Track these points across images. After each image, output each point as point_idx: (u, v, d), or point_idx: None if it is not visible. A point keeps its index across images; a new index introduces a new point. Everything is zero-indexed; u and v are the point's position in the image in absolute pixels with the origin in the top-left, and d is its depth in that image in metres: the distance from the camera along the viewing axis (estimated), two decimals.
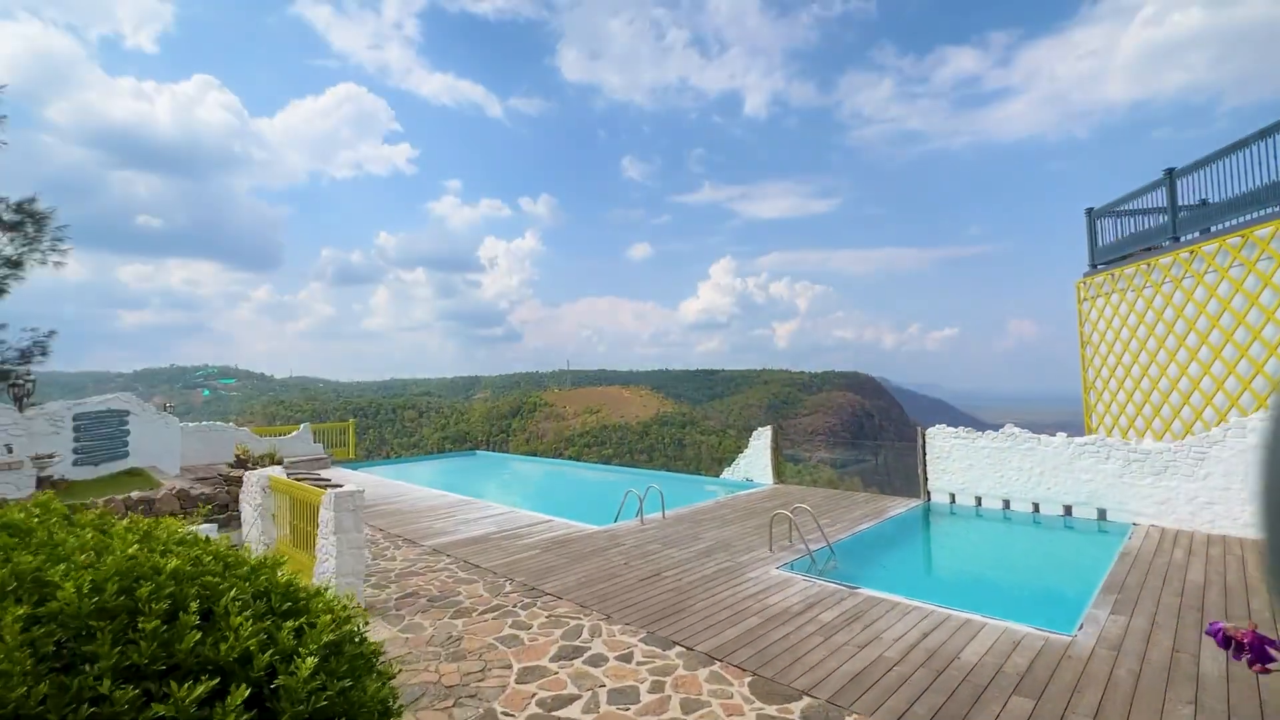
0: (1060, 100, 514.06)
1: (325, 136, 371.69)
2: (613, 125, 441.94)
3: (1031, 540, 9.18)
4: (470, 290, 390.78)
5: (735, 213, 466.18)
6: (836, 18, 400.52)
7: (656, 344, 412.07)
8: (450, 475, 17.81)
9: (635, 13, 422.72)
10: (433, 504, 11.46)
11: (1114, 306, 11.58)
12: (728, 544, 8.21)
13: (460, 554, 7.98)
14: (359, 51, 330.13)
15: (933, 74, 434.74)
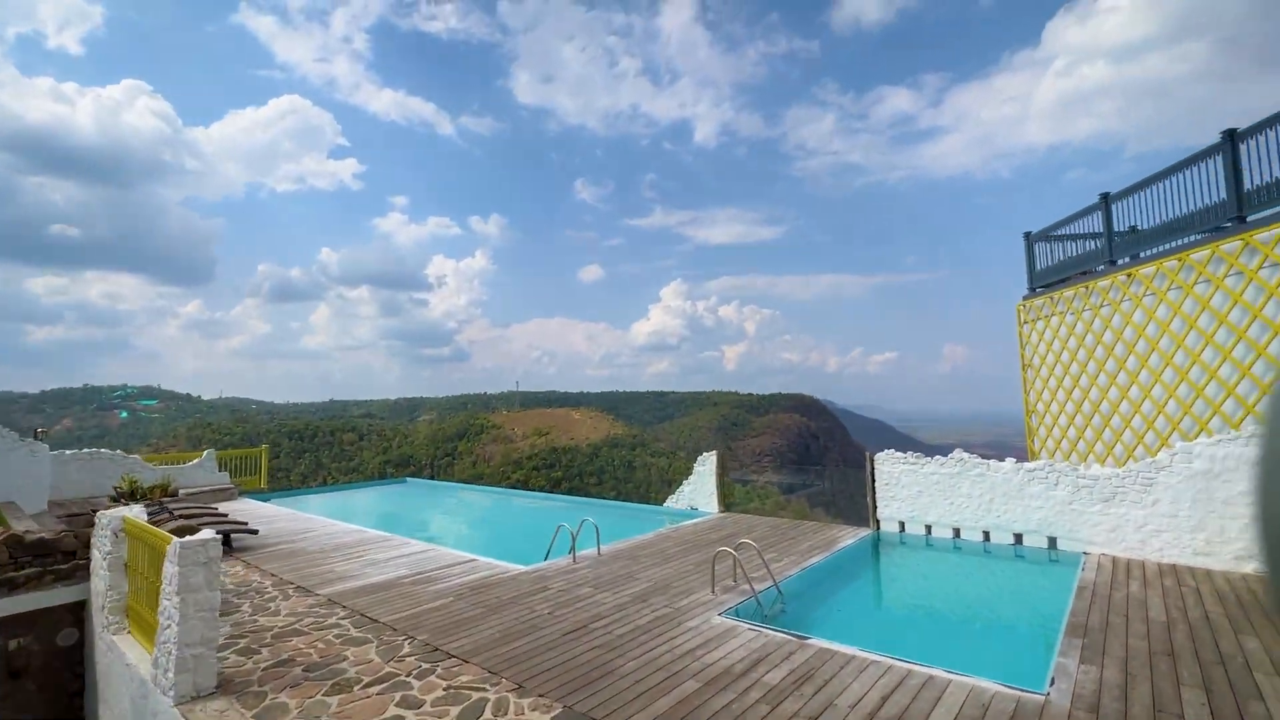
0: (986, 141, 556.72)
1: (266, 148, 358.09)
2: (565, 148, 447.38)
3: (986, 573, 8.78)
4: (416, 309, 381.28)
5: (686, 237, 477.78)
6: (781, 55, 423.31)
7: (607, 365, 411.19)
8: (373, 507, 16.38)
9: (588, 40, 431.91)
10: (342, 542, 10.21)
11: (1054, 329, 11.58)
12: (666, 585, 7.42)
13: (359, 604, 6.89)
14: (305, 64, 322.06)
15: (871, 111, 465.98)
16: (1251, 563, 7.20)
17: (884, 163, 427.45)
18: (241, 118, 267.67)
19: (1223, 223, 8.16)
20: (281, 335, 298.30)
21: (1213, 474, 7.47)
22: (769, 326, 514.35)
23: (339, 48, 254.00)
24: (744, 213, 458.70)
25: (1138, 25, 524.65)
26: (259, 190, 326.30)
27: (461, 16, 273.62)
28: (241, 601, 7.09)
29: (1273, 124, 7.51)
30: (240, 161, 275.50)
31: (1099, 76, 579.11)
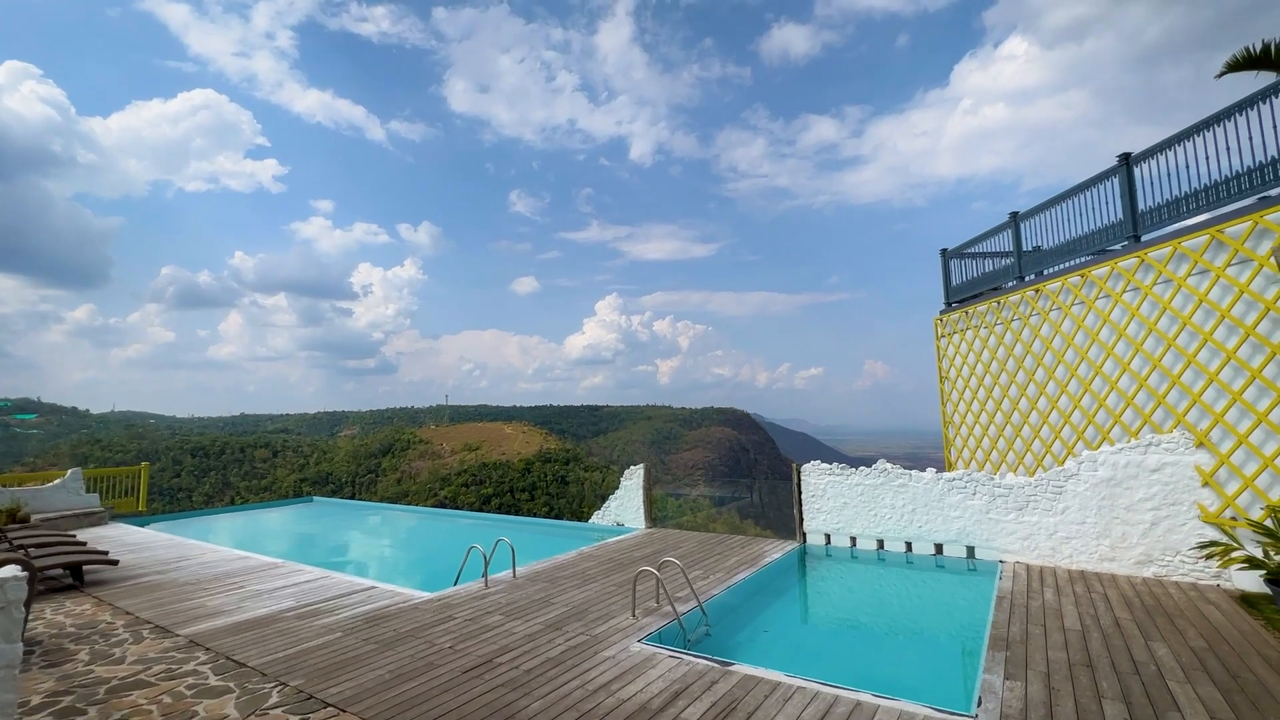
0: (902, 171, 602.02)
1: (174, 145, 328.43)
2: (501, 159, 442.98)
3: (909, 585, 8.75)
4: (340, 319, 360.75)
5: (622, 252, 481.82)
6: (716, 79, 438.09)
7: (541, 379, 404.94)
8: (271, 530, 14.92)
9: (526, 52, 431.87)
10: (224, 571, 9.05)
11: (969, 343, 11.96)
12: (584, 610, 6.88)
13: (226, 645, 5.96)
14: (221, 58, 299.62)
15: (799, 138, 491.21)
16: (1152, 567, 7.46)
17: (810, 187, 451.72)
18: (146, 110, 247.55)
19: (1120, 241, 8.59)
20: (186, 344, 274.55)
21: (1115, 481, 7.73)
22: (702, 342, 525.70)
23: (260, 43, 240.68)
24: (679, 230, 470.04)
25: (1030, 74, 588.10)
26: (165, 189, 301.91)
27: (394, 20, 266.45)
28: (79, 648, 6.00)
29: (1164, 149, 7.97)
30: (144, 157, 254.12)
31: (999, 117, 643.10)
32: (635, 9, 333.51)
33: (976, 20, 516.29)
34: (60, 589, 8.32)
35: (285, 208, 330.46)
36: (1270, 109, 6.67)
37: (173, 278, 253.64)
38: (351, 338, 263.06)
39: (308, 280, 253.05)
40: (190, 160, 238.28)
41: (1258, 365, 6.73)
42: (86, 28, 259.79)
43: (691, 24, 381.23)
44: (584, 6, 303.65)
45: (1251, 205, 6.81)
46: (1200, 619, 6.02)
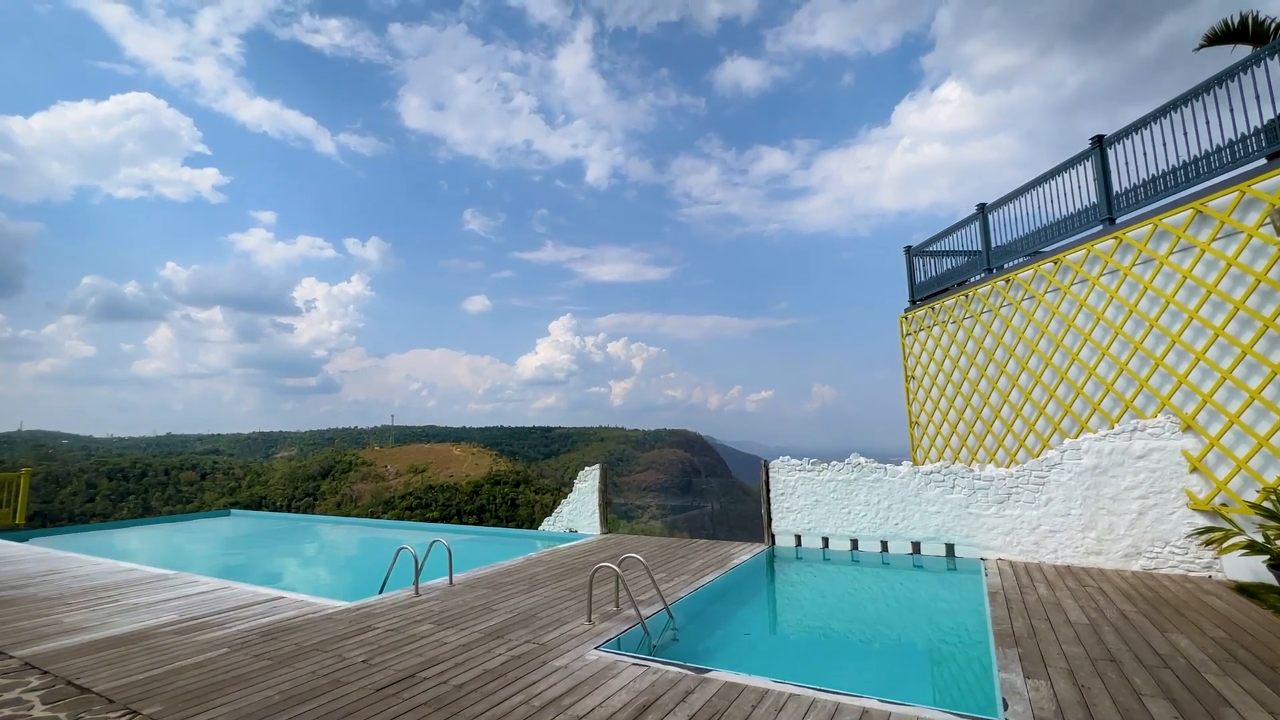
0: (848, 203, 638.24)
1: (104, 149, 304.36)
2: (455, 177, 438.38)
3: (891, 586, 8.09)
4: (279, 335, 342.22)
5: (576, 273, 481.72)
6: (671, 107, 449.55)
7: (492, 399, 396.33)
8: (176, 543, 13.18)
9: (483, 72, 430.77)
10: (99, 584, 7.61)
11: (935, 339, 11.64)
12: (531, 616, 5.90)
13: (73, 667, 4.70)
14: (161, 62, 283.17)
15: (751, 167, 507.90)
16: (1140, 560, 7.04)
17: (761, 215, 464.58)
18: (74, 111, 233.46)
19: (1094, 225, 8.36)
20: (108, 359, 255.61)
21: (1100, 470, 7.33)
22: (655, 364, 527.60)
23: (205, 50, 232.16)
24: (633, 253, 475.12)
25: (963, 117, 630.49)
26: (91, 194, 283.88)
27: (348, 34, 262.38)
28: None
29: (1138, 129, 7.80)
30: (69, 160, 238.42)
31: (936, 155, 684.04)
32: (593, 36, 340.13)
33: (915, 64, 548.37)
34: None
35: (224, 218, 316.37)
36: (1252, 80, 6.50)
37: (95, 288, 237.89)
38: (292, 355, 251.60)
39: (246, 294, 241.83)
40: (121, 166, 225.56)
41: (1248, 340, 6.44)
42: (12, 22, 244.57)
43: (648, 54, 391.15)
44: (543, 31, 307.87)
45: (1240, 176, 6.59)
46: (1208, 610, 5.54)
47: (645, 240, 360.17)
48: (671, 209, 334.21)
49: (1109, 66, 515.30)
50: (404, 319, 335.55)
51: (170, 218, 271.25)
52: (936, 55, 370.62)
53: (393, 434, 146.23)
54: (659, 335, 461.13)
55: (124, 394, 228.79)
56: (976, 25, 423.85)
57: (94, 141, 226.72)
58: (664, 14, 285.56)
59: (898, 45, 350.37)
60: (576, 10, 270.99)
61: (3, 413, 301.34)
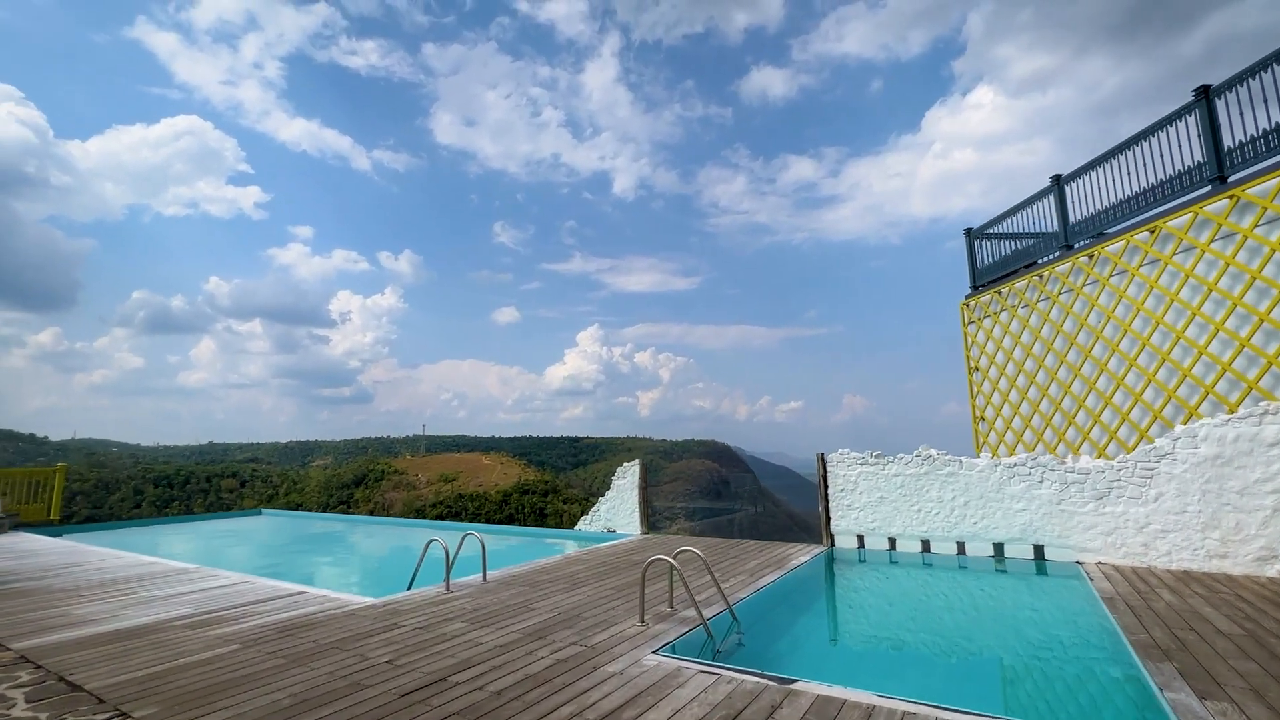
0: (877, 210, 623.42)
1: (154, 169, 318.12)
2: (486, 190, 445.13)
3: (978, 592, 7.17)
4: (316, 346, 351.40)
5: (604, 284, 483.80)
6: (698, 118, 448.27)
7: (521, 409, 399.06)
8: (205, 540, 12.91)
9: (513, 88, 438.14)
10: (117, 577, 7.21)
11: (1004, 325, 10.70)
12: (575, 616, 5.23)
13: (69, 662, 4.20)
14: (208, 86, 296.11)
15: (778, 176, 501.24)
16: (1277, 564, 6.04)
17: (789, 224, 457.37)
18: (128, 134, 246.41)
19: (1201, 186, 7.42)
20: (155, 370, 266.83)
21: (1223, 460, 6.36)
22: (683, 374, 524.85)
23: (249, 73, 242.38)
24: (660, 263, 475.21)
25: (996, 122, 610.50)
26: (142, 213, 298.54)
27: (383, 54, 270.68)
28: None
29: (1252, 74, 6.88)
30: (122, 181, 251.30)
31: (968, 161, 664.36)
32: (620, 50, 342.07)
33: (946, 69, 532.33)
34: None
35: (265, 234, 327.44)
36: None
37: (144, 302, 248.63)
38: (327, 366, 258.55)
39: (284, 307, 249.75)
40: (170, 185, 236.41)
41: None
42: (72, 52, 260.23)
43: (674, 66, 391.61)
44: (570, 47, 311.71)
45: None
46: None
47: (672, 250, 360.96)
48: (698, 219, 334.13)
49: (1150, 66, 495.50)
50: (435, 330, 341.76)
51: (214, 234, 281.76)
52: (968, 59, 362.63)
53: (424, 443, 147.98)
54: (686, 345, 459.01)
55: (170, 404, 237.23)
56: (1009, 28, 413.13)
57: (145, 163, 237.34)
58: (689, 26, 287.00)
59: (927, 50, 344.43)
60: (603, 25, 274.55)
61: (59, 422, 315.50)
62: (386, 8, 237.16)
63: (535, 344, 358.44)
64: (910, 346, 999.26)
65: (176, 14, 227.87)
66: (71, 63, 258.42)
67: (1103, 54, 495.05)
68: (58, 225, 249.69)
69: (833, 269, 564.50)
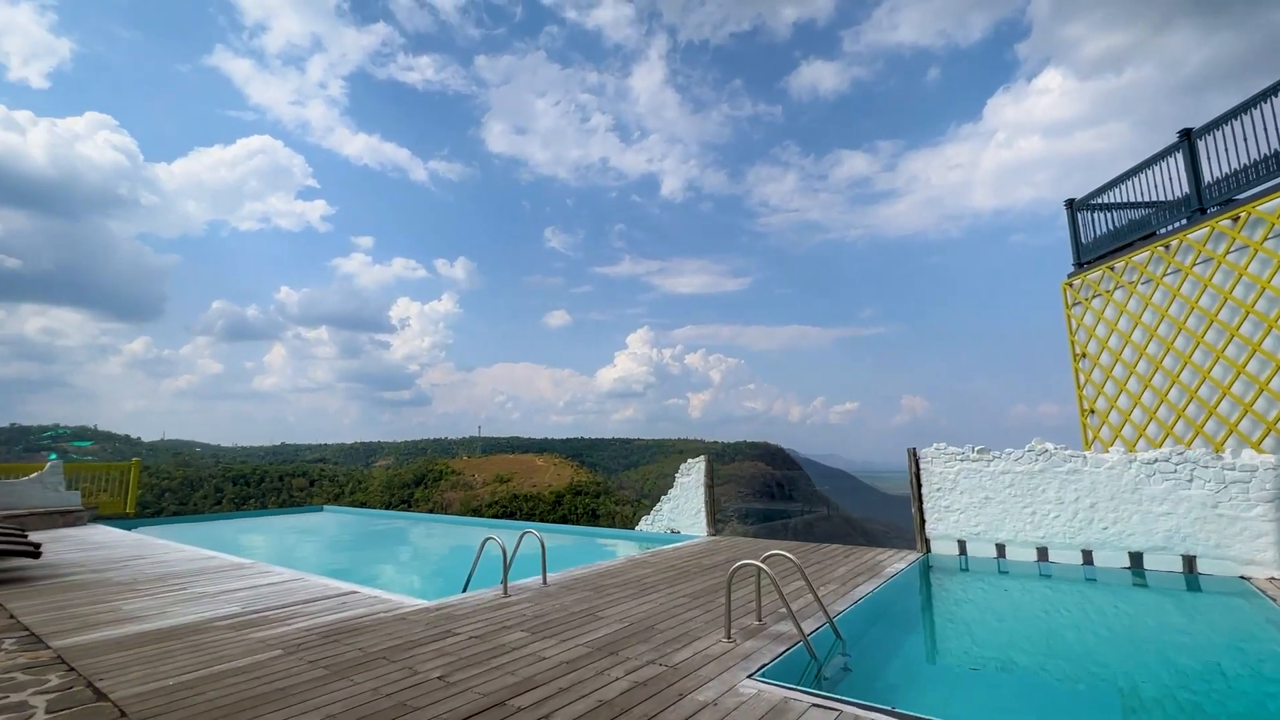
0: (937, 204, 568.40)
1: (231, 187, 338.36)
2: (537, 196, 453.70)
3: (1120, 609, 6.10)
4: (377, 351, 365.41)
5: (653, 286, 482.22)
6: (746, 117, 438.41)
7: (572, 411, 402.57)
8: (265, 535, 12.98)
9: (561, 95, 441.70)
10: (174, 571, 7.04)
11: (1119, 304, 9.42)
12: (648, 628, 4.57)
13: (103, 665, 3.85)
14: (278, 107, 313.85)
15: (830, 172, 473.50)
16: None
17: (842, 221, 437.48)
18: (207, 156, 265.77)
19: None
20: (233, 375, 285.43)
21: None
22: (734, 375, 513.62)
23: (314, 92, 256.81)
24: (710, 264, 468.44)
25: (1065, 107, 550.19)
26: (220, 228, 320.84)
27: (438, 68, 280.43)
28: None
29: None
30: (203, 199, 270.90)
31: (1035, 149, 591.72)
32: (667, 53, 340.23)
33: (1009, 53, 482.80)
34: None
35: (330, 244, 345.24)
36: None
37: (222, 311, 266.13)
38: (388, 370, 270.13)
39: (348, 313, 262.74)
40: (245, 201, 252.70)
41: None
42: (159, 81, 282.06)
43: (721, 65, 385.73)
44: (618, 52, 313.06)
45: None
46: None
47: (722, 251, 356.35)
48: (748, 219, 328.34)
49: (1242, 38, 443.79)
50: (489, 334, 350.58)
51: (284, 246, 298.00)
52: (1033, 42, 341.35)
53: (479, 444, 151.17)
54: (737, 346, 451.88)
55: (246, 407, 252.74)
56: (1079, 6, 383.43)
57: (223, 181, 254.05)
58: (736, 24, 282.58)
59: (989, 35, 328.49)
60: (650, 28, 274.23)
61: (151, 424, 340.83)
62: (441, 23, 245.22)
63: (586, 346, 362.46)
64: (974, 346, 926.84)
65: (250, 41, 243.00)
66: (158, 91, 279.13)
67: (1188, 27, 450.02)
68: (147, 242, 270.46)
69: (889, 266, 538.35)
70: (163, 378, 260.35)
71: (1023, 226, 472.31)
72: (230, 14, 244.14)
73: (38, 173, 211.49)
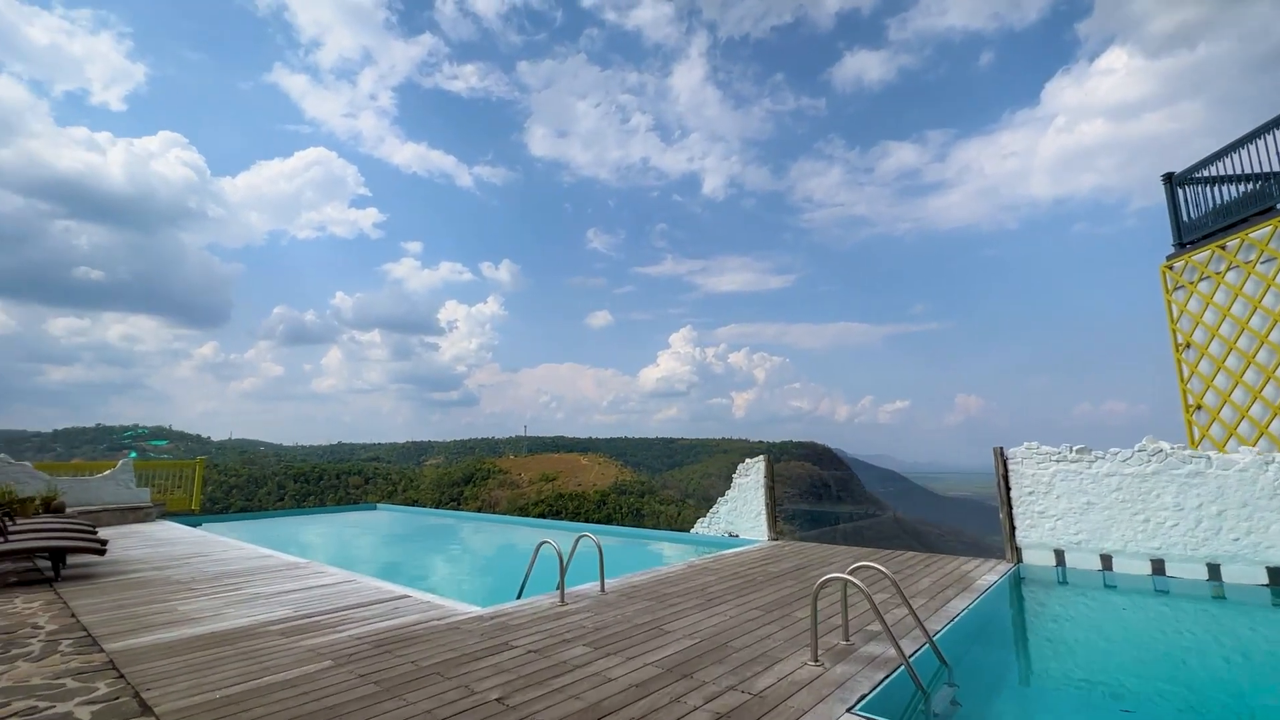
0: (991, 194, 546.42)
1: (289, 198, 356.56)
2: (578, 198, 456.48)
3: (1260, 633, 5.32)
4: (427, 353, 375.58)
5: (696, 285, 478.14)
6: (789, 112, 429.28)
7: (615, 411, 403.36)
8: (321, 532, 13.12)
9: (602, 97, 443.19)
10: (231, 570, 7.00)
11: (1232, 286, 8.42)
12: (723, 645, 4.14)
13: (153, 671, 3.68)
14: (332, 119, 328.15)
15: (877, 165, 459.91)
16: None
17: (890, 214, 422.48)
18: (268, 169, 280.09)
19: None
20: (293, 377, 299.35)
21: None
22: (779, 374, 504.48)
23: (365, 104, 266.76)
24: (753, 262, 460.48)
25: (1132, 87, 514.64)
26: (280, 237, 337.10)
27: (482, 76, 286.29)
28: None
29: None
30: (264, 210, 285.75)
31: (1098, 133, 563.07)
32: (707, 50, 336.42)
33: (1068, 33, 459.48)
34: (33, 582, 6.51)
35: (381, 250, 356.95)
36: None
37: (283, 317, 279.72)
38: (437, 371, 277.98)
39: (398, 317, 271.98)
40: (302, 211, 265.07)
41: None
42: (222, 99, 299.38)
43: (762, 60, 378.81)
44: (658, 51, 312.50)
45: None
46: None
47: (765, 249, 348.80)
48: (791, 215, 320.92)
49: None
50: (534, 336, 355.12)
51: (339, 253, 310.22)
52: (1095, 20, 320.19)
53: (525, 444, 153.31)
54: (782, 345, 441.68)
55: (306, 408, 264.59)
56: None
57: (282, 192, 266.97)
58: (777, 17, 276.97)
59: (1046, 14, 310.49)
60: (690, 26, 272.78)
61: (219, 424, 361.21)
62: (484, 31, 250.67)
63: (628, 346, 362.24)
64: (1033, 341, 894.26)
65: (305, 57, 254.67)
66: (223, 108, 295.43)
67: None
68: (214, 252, 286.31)
69: (940, 260, 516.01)
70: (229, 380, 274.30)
71: (1085, 215, 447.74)
72: (288, 32, 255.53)
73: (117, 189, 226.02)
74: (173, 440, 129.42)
